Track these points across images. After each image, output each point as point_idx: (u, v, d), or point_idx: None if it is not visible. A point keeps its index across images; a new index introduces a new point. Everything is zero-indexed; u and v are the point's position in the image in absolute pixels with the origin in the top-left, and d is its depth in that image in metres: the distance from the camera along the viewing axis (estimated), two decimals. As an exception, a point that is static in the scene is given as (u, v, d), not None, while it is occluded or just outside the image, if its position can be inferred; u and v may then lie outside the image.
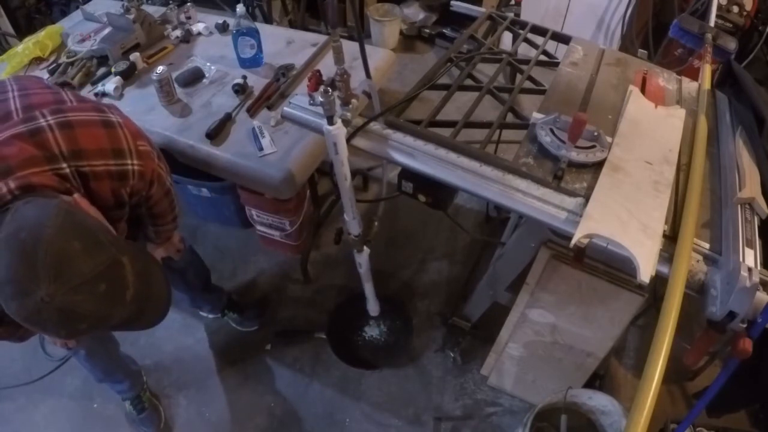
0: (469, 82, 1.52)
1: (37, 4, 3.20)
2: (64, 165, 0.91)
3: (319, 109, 1.11)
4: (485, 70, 2.10)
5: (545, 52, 1.68)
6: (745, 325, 0.94)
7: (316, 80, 1.11)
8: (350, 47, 1.50)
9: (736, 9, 2.41)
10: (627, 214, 1.01)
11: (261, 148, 1.60)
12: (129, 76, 1.84)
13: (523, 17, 2.67)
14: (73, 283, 0.74)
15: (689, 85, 1.53)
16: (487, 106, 1.44)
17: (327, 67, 1.22)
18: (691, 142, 1.25)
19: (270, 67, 1.90)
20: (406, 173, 1.24)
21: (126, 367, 1.65)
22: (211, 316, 2.02)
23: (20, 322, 0.76)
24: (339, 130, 1.12)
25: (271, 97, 1.76)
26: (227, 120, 1.68)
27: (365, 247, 1.49)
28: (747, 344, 0.93)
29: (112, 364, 1.59)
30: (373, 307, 1.79)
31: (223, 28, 2.11)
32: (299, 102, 1.30)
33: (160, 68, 1.67)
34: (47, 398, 1.82)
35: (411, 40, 3.58)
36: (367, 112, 1.29)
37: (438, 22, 3.55)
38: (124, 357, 1.65)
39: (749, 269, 0.89)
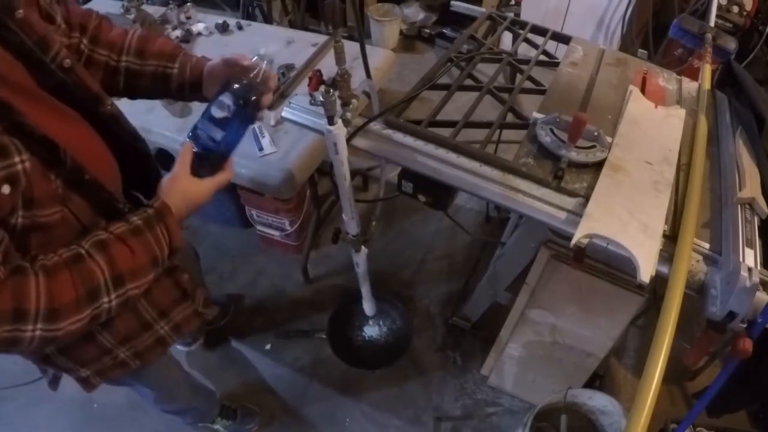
0: (469, 82, 1.52)
1: (37, 4, 3.19)
2: None
3: (320, 109, 1.11)
4: (485, 70, 2.10)
5: (545, 52, 1.68)
6: (745, 325, 0.94)
7: (317, 80, 1.11)
8: (350, 47, 1.50)
9: (736, 9, 2.41)
10: (627, 214, 1.01)
11: (261, 148, 1.60)
12: (129, 76, 1.84)
13: (523, 17, 2.67)
14: None
15: (689, 85, 1.53)
16: (487, 106, 1.44)
17: (327, 67, 1.22)
18: (691, 142, 1.25)
19: (270, 68, 1.89)
20: (406, 173, 1.24)
21: (205, 388, 1.61)
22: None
23: None
24: (339, 130, 1.12)
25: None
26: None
27: (363, 247, 1.49)
28: (747, 344, 0.93)
29: (205, 389, 1.59)
30: (369, 306, 1.78)
31: (223, 28, 2.12)
32: (299, 102, 1.30)
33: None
34: (47, 398, 1.81)
35: (411, 40, 3.58)
36: (367, 112, 1.29)
37: (438, 22, 3.56)
38: (195, 381, 1.57)
39: (749, 269, 0.89)
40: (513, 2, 3.15)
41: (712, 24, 1.66)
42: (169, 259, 0.82)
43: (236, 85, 0.83)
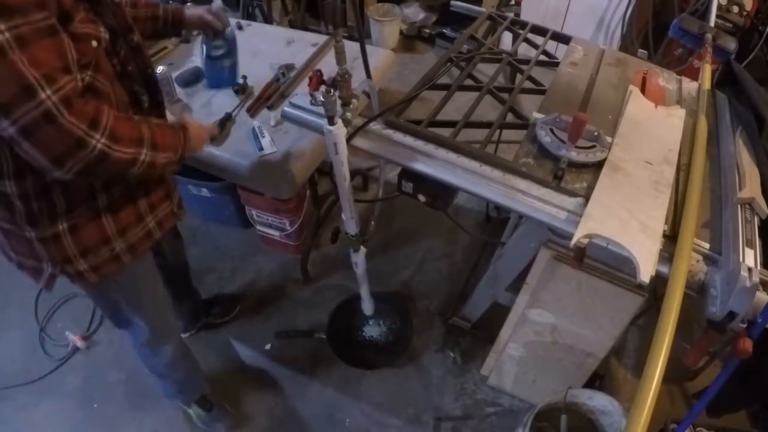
0: (469, 82, 1.52)
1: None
2: None
3: (320, 109, 1.12)
4: (485, 70, 2.10)
5: (545, 52, 1.68)
6: (745, 325, 0.94)
7: (318, 80, 1.11)
8: (350, 47, 1.50)
9: (736, 9, 2.41)
10: (627, 214, 1.01)
11: (261, 148, 1.60)
12: (129, 76, 1.84)
13: (523, 17, 2.67)
14: None
15: (689, 85, 1.54)
16: (487, 106, 1.44)
17: (327, 67, 1.22)
18: (691, 142, 1.25)
19: (270, 67, 1.90)
20: (406, 173, 1.24)
21: (192, 355, 1.64)
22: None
23: None
24: (339, 130, 1.12)
25: (271, 97, 1.76)
26: (227, 120, 1.67)
27: (362, 247, 1.49)
28: (747, 344, 0.93)
29: (194, 364, 1.63)
30: (368, 306, 1.78)
31: (223, 28, 2.11)
32: (299, 102, 1.30)
33: (160, 68, 1.67)
34: (47, 398, 1.81)
35: (411, 40, 3.59)
36: (367, 112, 1.29)
37: (438, 22, 3.56)
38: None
39: (749, 269, 0.89)
40: (513, 2, 3.15)
41: (712, 24, 1.66)
42: (179, 161, 1.04)
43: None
